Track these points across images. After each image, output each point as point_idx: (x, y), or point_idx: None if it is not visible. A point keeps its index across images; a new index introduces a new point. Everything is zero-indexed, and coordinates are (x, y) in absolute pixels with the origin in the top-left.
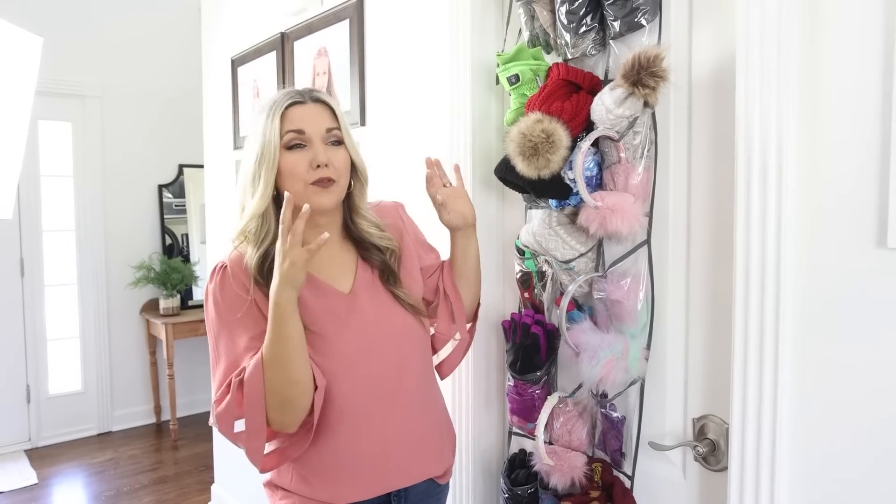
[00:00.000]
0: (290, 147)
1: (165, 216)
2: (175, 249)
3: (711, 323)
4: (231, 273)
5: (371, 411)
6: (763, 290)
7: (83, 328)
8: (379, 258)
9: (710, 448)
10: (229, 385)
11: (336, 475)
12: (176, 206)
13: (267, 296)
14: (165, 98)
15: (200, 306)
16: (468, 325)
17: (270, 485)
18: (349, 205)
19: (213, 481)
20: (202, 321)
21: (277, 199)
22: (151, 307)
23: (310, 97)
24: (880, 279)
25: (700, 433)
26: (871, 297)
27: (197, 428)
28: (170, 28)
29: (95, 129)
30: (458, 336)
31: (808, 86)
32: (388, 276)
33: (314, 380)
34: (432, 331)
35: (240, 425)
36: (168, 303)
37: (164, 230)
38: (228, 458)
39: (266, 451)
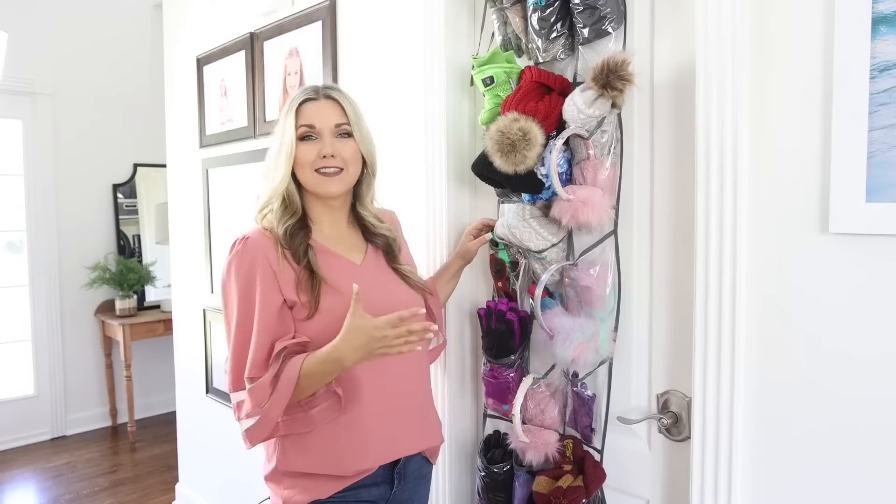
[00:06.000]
0: (302, 139)
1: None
2: (126, 250)
3: (673, 306)
4: (255, 244)
5: (377, 381)
6: (721, 275)
7: (35, 330)
8: (383, 241)
9: (673, 420)
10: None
11: (344, 446)
12: (127, 206)
13: (290, 267)
14: (120, 96)
15: (157, 307)
16: None
17: (275, 474)
18: (355, 193)
19: (176, 480)
20: (160, 322)
21: (298, 186)
22: (107, 308)
23: (323, 94)
24: (824, 261)
25: (664, 407)
26: (817, 278)
27: (155, 429)
28: (125, 26)
29: (47, 127)
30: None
31: (759, 89)
32: (391, 255)
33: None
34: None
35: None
36: (125, 303)
37: (119, 231)
38: (196, 455)
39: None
